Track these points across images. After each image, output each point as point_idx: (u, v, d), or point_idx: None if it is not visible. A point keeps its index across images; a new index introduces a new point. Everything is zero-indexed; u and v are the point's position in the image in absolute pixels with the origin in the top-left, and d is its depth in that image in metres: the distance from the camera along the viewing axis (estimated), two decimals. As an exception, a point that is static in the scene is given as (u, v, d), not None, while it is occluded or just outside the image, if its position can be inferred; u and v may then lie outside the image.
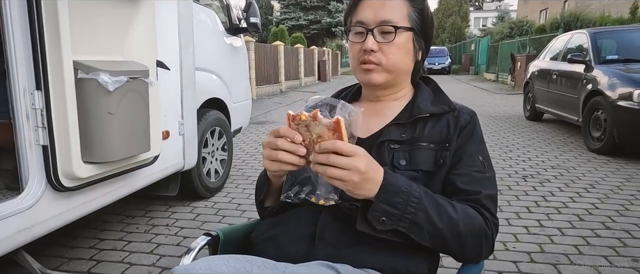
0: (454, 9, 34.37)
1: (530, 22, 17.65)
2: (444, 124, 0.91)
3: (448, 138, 0.90)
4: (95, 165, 1.67)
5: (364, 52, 0.89)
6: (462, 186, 0.86)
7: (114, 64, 1.67)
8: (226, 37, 3.46)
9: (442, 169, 0.88)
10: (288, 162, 0.77)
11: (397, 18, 0.88)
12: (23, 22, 1.45)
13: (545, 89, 6.17)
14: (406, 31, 0.89)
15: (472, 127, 0.93)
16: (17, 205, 1.50)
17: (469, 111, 0.96)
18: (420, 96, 0.97)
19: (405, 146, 0.89)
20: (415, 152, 0.89)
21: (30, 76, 1.49)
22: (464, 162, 0.89)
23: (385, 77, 0.91)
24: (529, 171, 3.86)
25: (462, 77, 19.62)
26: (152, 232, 2.59)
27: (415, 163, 0.88)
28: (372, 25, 0.89)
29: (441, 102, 0.95)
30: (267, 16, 28.87)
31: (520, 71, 10.92)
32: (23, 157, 1.53)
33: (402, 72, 0.93)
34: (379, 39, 0.88)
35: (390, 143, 0.89)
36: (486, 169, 0.90)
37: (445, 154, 0.89)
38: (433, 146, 0.89)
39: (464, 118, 0.92)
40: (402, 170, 0.87)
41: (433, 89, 1.01)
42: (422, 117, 0.91)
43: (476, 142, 0.92)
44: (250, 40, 10.26)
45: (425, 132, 0.90)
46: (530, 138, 5.39)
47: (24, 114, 1.50)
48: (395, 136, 0.90)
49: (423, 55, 0.97)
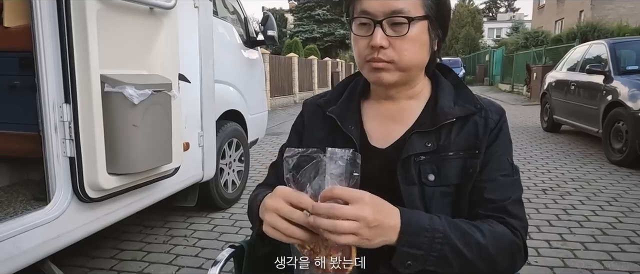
0: (468, 19, 34.25)
1: (545, 33, 17.49)
2: (471, 128, 0.81)
3: (477, 144, 0.80)
4: (120, 176, 1.70)
5: (372, 48, 0.75)
6: (489, 195, 0.78)
7: (138, 78, 1.71)
8: (244, 50, 3.51)
9: (472, 179, 0.79)
10: (297, 237, 0.66)
11: (410, 6, 0.74)
12: (54, 38, 1.50)
13: (563, 100, 6.09)
14: (420, 21, 0.76)
15: (501, 125, 0.83)
16: (44, 215, 1.53)
17: (498, 109, 0.85)
18: (441, 93, 0.84)
19: (432, 157, 0.79)
20: (444, 164, 0.79)
21: (60, 89, 1.53)
22: (491, 165, 0.80)
23: (398, 76, 0.79)
24: (549, 183, 3.80)
25: (476, 88, 19.46)
26: (170, 243, 2.61)
27: (446, 177, 0.79)
28: (381, 17, 0.75)
29: (466, 100, 0.84)
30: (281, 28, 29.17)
31: (537, 82, 10.80)
32: (51, 169, 1.57)
33: (417, 68, 0.81)
34: (390, 32, 0.75)
35: (415, 157, 0.79)
36: (513, 170, 0.82)
37: (475, 163, 0.79)
38: (462, 154, 0.80)
39: (492, 119, 0.82)
40: (431, 186, 0.78)
41: (453, 82, 0.89)
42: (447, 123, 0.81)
43: (505, 144, 0.83)
44: (265, 52, 10.37)
45: (452, 139, 0.80)
46: (548, 150, 5.31)
47: (53, 126, 1.55)
48: (420, 147, 0.79)
49: (439, 44, 0.83)
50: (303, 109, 0.97)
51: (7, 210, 1.64)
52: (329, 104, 0.90)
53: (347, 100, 0.90)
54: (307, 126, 0.93)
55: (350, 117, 0.87)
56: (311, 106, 0.94)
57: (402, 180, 0.79)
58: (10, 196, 1.82)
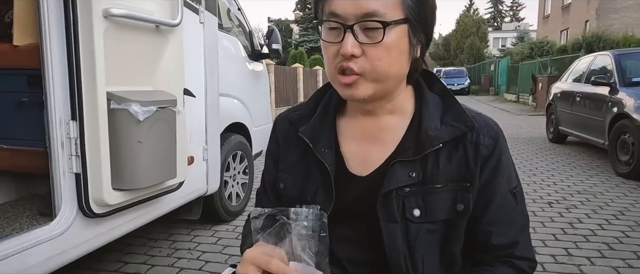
0: (472, 29, 34.33)
1: (551, 43, 17.47)
2: (461, 155, 0.71)
3: (468, 175, 0.71)
4: (124, 192, 1.72)
5: (342, 56, 0.65)
6: (496, 240, 0.72)
7: (144, 94, 1.73)
8: (248, 63, 3.54)
9: (464, 216, 0.71)
10: None
11: (386, 7, 0.64)
12: (61, 57, 1.52)
13: (568, 111, 6.07)
14: (399, 25, 0.65)
15: (498, 154, 0.72)
16: (50, 231, 1.55)
17: (492, 130, 0.73)
18: (425, 111, 0.73)
19: (416, 188, 0.70)
20: (431, 197, 0.70)
21: (67, 106, 1.56)
22: (495, 204, 0.72)
23: (372, 89, 0.68)
24: (554, 196, 3.77)
25: (482, 98, 19.43)
26: (174, 256, 2.62)
27: (433, 212, 0.70)
28: (352, 20, 0.64)
29: (455, 117, 0.72)
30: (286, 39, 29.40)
31: (542, 92, 10.77)
32: (57, 185, 1.58)
33: (394, 79, 0.70)
34: (362, 38, 0.65)
35: (398, 190, 0.70)
36: (518, 199, 0.74)
37: (467, 197, 0.71)
38: (451, 186, 0.70)
39: (485, 145, 0.71)
40: (416, 223, 0.70)
41: (440, 94, 0.77)
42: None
43: (505, 173, 0.73)
44: (270, 63, 10.44)
45: (440, 168, 0.71)
46: (554, 161, 5.28)
47: (60, 142, 1.57)
48: (403, 179, 0.70)
49: (423, 50, 0.72)
50: (274, 126, 0.86)
51: (13, 225, 1.66)
52: (302, 121, 0.80)
53: (321, 116, 0.79)
54: (281, 147, 0.83)
55: (324, 138, 0.77)
56: (283, 123, 0.84)
57: (383, 216, 0.71)
58: (17, 210, 1.84)
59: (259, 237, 0.66)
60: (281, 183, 0.81)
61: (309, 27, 28.97)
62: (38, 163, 1.70)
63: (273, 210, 0.65)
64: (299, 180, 0.78)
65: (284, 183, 0.80)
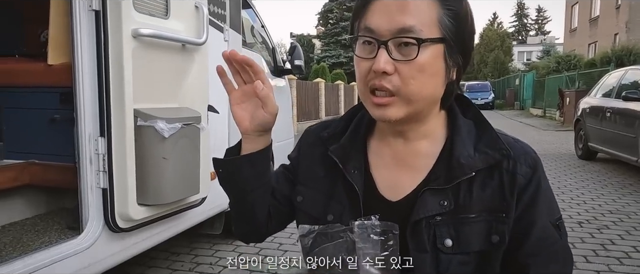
0: (497, 43, 33.91)
1: (578, 56, 17.07)
2: (496, 184, 0.68)
3: (504, 206, 0.67)
4: (149, 207, 1.75)
5: (375, 73, 0.64)
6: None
7: (169, 111, 1.77)
8: (271, 79, 3.58)
9: (499, 249, 0.67)
10: None
11: (422, 25, 0.62)
12: (92, 75, 1.58)
13: (598, 127, 5.88)
14: (435, 44, 0.63)
15: (536, 183, 0.69)
16: (77, 245, 1.58)
17: (530, 158, 0.70)
18: (457, 138, 0.70)
19: (448, 218, 0.67)
20: (464, 228, 0.67)
21: (96, 123, 1.60)
22: (534, 236, 0.68)
23: (404, 111, 0.66)
24: (585, 215, 3.63)
25: (506, 113, 19.06)
26: (196, 271, 2.63)
27: (466, 243, 0.67)
28: (387, 36, 0.63)
29: (489, 144, 0.69)
30: (308, 54, 29.70)
31: (570, 107, 10.49)
32: (84, 199, 1.63)
33: (427, 101, 0.68)
34: (396, 55, 0.63)
35: (428, 219, 0.67)
36: (561, 232, 0.70)
37: (502, 229, 0.67)
38: (485, 216, 0.67)
39: (522, 172, 0.68)
40: (448, 254, 0.67)
41: (475, 120, 0.74)
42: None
43: (546, 203, 0.70)
44: (292, 78, 10.55)
45: (473, 197, 0.67)
46: (583, 179, 5.10)
47: (88, 158, 1.61)
48: (434, 208, 0.67)
49: (459, 73, 0.69)
50: (301, 140, 0.85)
51: (43, 239, 1.71)
52: (332, 140, 0.78)
53: (351, 136, 0.77)
54: (301, 157, 0.82)
55: (355, 159, 0.75)
56: (311, 138, 0.83)
57: (413, 246, 0.68)
58: (46, 224, 1.90)
59: (313, 262, 0.62)
60: (299, 196, 0.79)
61: (330, 42, 29.21)
62: (67, 178, 1.75)
63: (325, 227, 0.63)
64: (321, 198, 0.76)
65: (302, 197, 0.79)
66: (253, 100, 0.74)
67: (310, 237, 0.64)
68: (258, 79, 0.72)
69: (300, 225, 0.67)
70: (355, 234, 0.60)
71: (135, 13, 1.64)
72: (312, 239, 0.63)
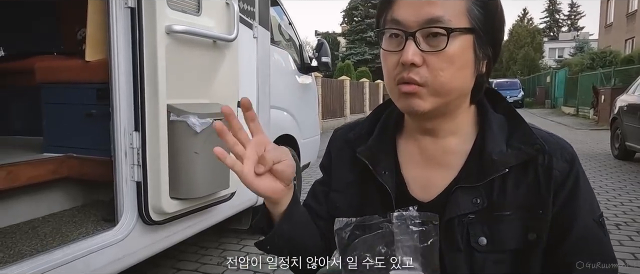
0: (527, 40, 32.96)
1: (614, 53, 16.40)
2: (531, 180, 0.65)
3: (541, 202, 0.65)
4: (181, 201, 1.78)
5: (403, 66, 0.62)
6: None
7: (201, 107, 1.79)
8: (298, 76, 3.60)
9: (536, 247, 0.65)
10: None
11: (451, 15, 0.61)
12: (127, 71, 1.62)
13: (637, 126, 5.63)
14: (464, 34, 0.62)
15: (574, 178, 0.65)
16: (112, 236, 1.63)
17: (567, 152, 0.67)
18: (489, 132, 0.68)
19: (482, 216, 0.65)
20: (498, 226, 0.65)
21: (131, 118, 1.64)
22: (576, 234, 0.65)
23: (433, 102, 0.64)
24: (623, 217, 3.48)
25: (537, 111, 18.53)
26: (224, 265, 2.67)
27: (500, 242, 0.64)
28: (414, 27, 0.61)
29: (522, 139, 0.67)
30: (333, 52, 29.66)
31: (605, 105, 10.09)
32: (119, 192, 1.67)
33: (456, 94, 0.66)
34: (424, 46, 0.62)
35: (461, 217, 0.66)
36: (604, 229, 0.68)
37: (540, 226, 0.64)
38: (520, 213, 0.65)
39: (559, 167, 0.65)
40: (482, 252, 0.65)
41: (506, 114, 0.71)
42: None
43: (587, 199, 0.66)
44: (318, 76, 10.55)
45: (507, 194, 0.65)
46: (621, 180, 4.90)
47: (123, 152, 1.65)
48: (467, 206, 0.65)
49: (489, 66, 0.68)
50: (329, 145, 0.83)
51: (79, 230, 1.76)
52: (359, 141, 0.76)
53: (379, 137, 0.75)
54: (334, 164, 0.80)
55: (384, 160, 0.73)
56: (339, 142, 0.81)
57: (446, 245, 0.66)
58: (83, 216, 1.96)
59: (350, 254, 0.61)
60: (335, 204, 0.77)
61: (356, 39, 29.09)
62: (103, 171, 1.80)
63: (362, 219, 0.61)
64: (355, 202, 0.75)
65: (338, 204, 0.77)
66: None
67: (348, 230, 0.62)
68: (254, 133, 0.65)
69: (337, 219, 0.66)
70: (393, 225, 0.59)
71: (168, 10, 1.67)
72: (350, 232, 0.62)
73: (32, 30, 2.69)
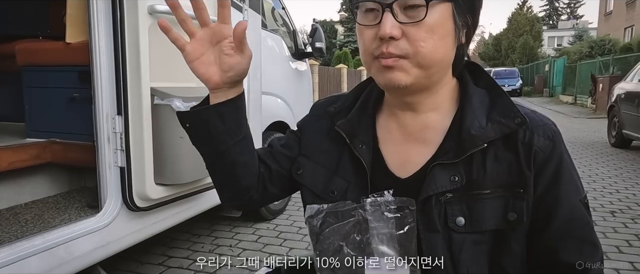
0: (526, 28, 32.76)
1: (613, 41, 16.32)
2: (512, 157, 0.63)
3: (521, 180, 0.62)
4: (166, 187, 1.74)
5: (381, 40, 0.60)
6: (565, 257, 0.62)
7: (186, 90, 1.74)
8: (292, 62, 3.54)
9: (517, 227, 0.62)
10: None
11: None
12: (109, 53, 1.56)
13: (634, 113, 5.60)
14: (443, 2, 0.59)
15: (558, 158, 0.63)
16: (96, 223, 1.59)
17: (549, 129, 0.64)
18: (468, 107, 0.66)
19: (460, 195, 0.63)
20: (476, 204, 0.62)
21: (113, 102, 1.59)
22: (561, 216, 0.63)
23: (414, 75, 0.61)
24: (618, 205, 3.47)
25: (535, 100, 18.50)
26: (216, 252, 2.65)
27: (479, 221, 0.62)
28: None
29: (503, 113, 0.64)
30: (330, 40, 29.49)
31: (603, 93, 10.06)
32: (103, 178, 1.63)
33: (439, 65, 0.63)
34: (402, 18, 0.59)
35: (438, 196, 0.63)
36: (588, 209, 0.65)
37: (520, 205, 0.62)
38: (501, 192, 0.62)
39: (540, 144, 0.62)
40: (461, 233, 0.62)
41: (488, 88, 0.69)
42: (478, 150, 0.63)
43: (571, 180, 0.64)
44: (314, 64, 10.48)
45: (486, 171, 0.62)
46: (617, 168, 4.88)
47: (106, 137, 1.61)
48: (444, 184, 0.62)
49: (469, 35, 0.65)
50: (311, 111, 0.82)
51: (63, 216, 1.72)
52: (339, 115, 0.74)
53: (359, 111, 0.74)
54: (310, 128, 0.78)
55: (362, 134, 0.71)
56: (320, 110, 0.79)
57: (423, 225, 0.63)
58: (67, 202, 1.92)
59: (322, 239, 0.58)
60: (299, 169, 0.75)
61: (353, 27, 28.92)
62: (88, 157, 1.75)
63: (334, 205, 0.59)
64: (323, 171, 0.72)
65: (302, 169, 0.74)
66: (214, 48, 0.67)
67: (319, 218, 0.59)
68: (220, 21, 0.65)
69: (308, 206, 0.64)
70: (367, 212, 0.56)
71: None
72: (321, 219, 0.59)
73: (23, 13, 2.62)
